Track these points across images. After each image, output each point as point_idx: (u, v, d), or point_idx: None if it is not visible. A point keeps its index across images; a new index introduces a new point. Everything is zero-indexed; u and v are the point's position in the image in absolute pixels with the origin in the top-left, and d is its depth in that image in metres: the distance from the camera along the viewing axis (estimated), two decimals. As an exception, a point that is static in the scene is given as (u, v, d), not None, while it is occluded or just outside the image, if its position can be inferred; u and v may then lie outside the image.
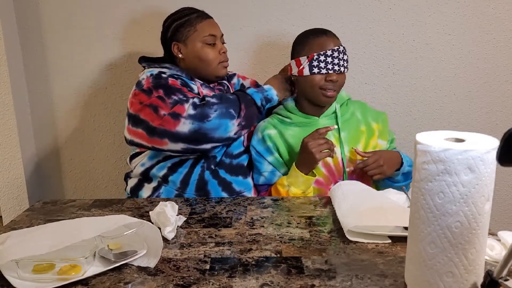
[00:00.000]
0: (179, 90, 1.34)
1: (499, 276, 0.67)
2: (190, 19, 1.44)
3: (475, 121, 1.84)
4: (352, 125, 1.45)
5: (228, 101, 1.34)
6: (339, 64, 1.37)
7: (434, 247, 0.72)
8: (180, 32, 1.43)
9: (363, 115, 1.48)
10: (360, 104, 1.52)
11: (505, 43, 1.76)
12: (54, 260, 0.89)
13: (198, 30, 1.43)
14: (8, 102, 1.71)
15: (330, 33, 1.41)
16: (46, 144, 1.87)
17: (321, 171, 1.42)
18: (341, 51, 1.37)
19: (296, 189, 1.35)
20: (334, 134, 1.43)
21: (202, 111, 1.29)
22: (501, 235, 0.93)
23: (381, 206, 1.11)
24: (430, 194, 0.70)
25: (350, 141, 1.43)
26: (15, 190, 1.79)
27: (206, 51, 1.43)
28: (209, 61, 1.44)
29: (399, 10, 1.73)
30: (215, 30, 1.46)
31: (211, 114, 1.29)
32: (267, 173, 1.46)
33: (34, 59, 1.78)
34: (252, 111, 1.38)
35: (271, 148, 1.44)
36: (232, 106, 1.34)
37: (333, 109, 1.45)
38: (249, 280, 0.85)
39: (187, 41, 1.43)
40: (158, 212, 1.09)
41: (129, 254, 0.92)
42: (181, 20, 1.44)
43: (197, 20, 1.44)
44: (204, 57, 1.43)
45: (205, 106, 1.30)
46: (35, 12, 1.74)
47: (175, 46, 1.45)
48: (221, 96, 1.36)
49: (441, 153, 0.68)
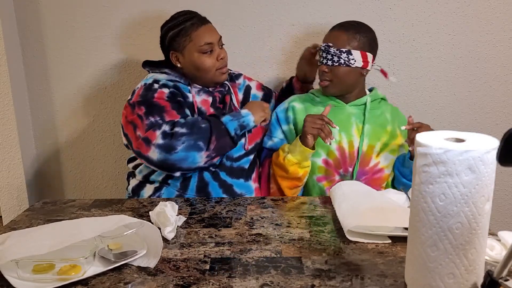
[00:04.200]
0: (159, 110, 1.33)
1: (499, 276, 0.67)
2: (185, 28, 1.39)
3: (475, 121, 1.84)
4: (378, 122, 1.49)
5: (198, 132, 1.29)
6: (327, 58, 1.41)
7: (435, 249, 0.71)
8: (176, 42, 1.41)
9: (392, 118, 1.52)
10: (393, 108, 1.56)
11: (505, 43, 1.76)
12: (54, 260, 0.89)
13: (194, 40, 1.39)
14: (8, 102, 1.71)
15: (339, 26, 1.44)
16: (46, 144, 1.87)
17: (334, 153, 1.45)
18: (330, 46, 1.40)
19: (292, 157, 1.39)
20: (357, 125, 1.47)
21: (170, 142, 1.27)
22: (501, 235, 0.93)
23: (381, 206, 1.11)
24: (431, 196, 0.70)
25: (371, 135, 1.47)
26: (15, 190, 1.79)
27: (202, 60, 1.40)
28: (206, 70, 1.41)
29: (399, 10, 1.73)
30: (211, 37, 1.41)
31: (177, 146, 1.27)
32: (277, 139, 1.53)
33: (34, 59, 1.78)
34: (224, 141, 1.33)
35: (290, 119, 1.52)
36: (202, 138, 1.29)
37: (364, 101, 1.48)
38: (249, 280, 0.85)
39: (184, 51, 1.41)
40: (158, 212, 1.09)
41: (129, 254, 0.92)
42: (176, 29, 1.40)
43: (192, 28, 1.39)
44: (201, 66, 1.41)
45: (173, 137, 1.27)
46: (35, 12, 1.74)
47: (173, 55, 1.44)
48: (193, 124, 1.31)
49: (443, 155, 0.68)
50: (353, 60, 1.40)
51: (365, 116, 1.47)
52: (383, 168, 1.47)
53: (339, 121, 1.45)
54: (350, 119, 1.47)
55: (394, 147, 1.48)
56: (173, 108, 1.35)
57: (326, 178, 1.46)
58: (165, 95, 1.37)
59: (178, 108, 1.37)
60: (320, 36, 1.74)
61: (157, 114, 1.32)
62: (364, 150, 1.45)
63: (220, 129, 1.32)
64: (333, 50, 1.39)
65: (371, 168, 1.45)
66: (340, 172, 1.46)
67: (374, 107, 1.50)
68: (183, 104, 1.40)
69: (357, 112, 1.48)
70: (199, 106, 1.43)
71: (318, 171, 1.45)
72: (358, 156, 1.44)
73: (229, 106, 1.50)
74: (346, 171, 1.45)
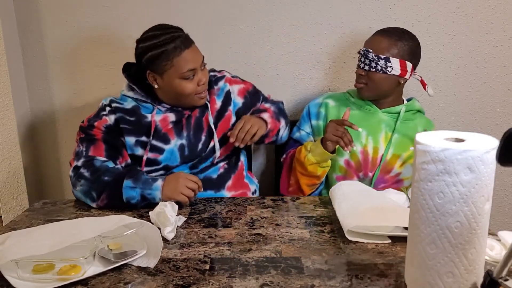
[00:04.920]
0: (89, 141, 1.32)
1: (499, 276, 0.67)
2: (167, 52, 1.27)
3: (475, 121, 1.84)
4: (408, 133, 1.47)
5: (96, 182, 1.23)
6: (364, 62, 1.41)
7: (434, 247, 0.72)
8: (156, 64, 1.29)
9: (423, 130, 1.50)
10: (427, 121, 1.55)
11: (505, 43, 1.76)
12: (54, 260, 0.89)
13: (176, 66, 1.28)
14: (8, 102, 1.71)
15: (382, 32, 1.43)
16: (46, 144, 1.86)
17: (357, 156, 1.46)
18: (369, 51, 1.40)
19: (312, 157, 1.40)
20: (386, 132, 1.47)
21: (74, 179, 1.28)
22: (501, 235, 0.93)
23: (381, 206, 1.12)
24: (429, 194, 0.70)
25: (398, 145, 1.46)
26: (15, 190, 1.79)
27: (183, 86, 1.31)
28: (185, 95, 1.33)
29: (399, 10, 1.73)
30: (194, 62, 1.30)
31: (77, 186, 1.26)
32: (304, 132, 1.55)
33: (34, 59, 1.78)
34: (115, 202, 1.22)
35: (321, 115, 1.53)
36: (96, 190, 1.22)
37: (398, 109, 1.48)
38: (249, 280, 0.85)
39: (164, 74, 1.30)
40: (158, 212, 1.09)
41: (129, 254, 0.92)
42: (156, 50, 1.27)
43: (174, 53, 1.27)
44: (180, 92, 1.32)
45: (77, 176, 1.27)
46: (35, 12, 1.74)
47: (150, 75, 1.33)
48: (95, 171, 1.25)
49: (441, 153, 0.68)
50: (391, 67, 1.39)
51: (396, 125, 1.46)
52: (403, 180, 1.47)
53: (369, 126, 1.46)
54: (380, 125, 1.47)
55: None
56: (103, 142, 1.32)
57: (344, 178, 1.46)
58: (105, 124, 1.33)
59: (108, 144, 1.32)
60: (320, 36, 1.75)
61: (85, 145, 1.32)
62: (388, 158, 1.45)
63: (115, 191, 1.21)
64: (372, 55, 1.39)
65: (392, 177, 1.46)
66: (360, 175, 1.47)
67: (408, 118, 1.49)
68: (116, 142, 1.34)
69: (389, 119, 1.48)
70: (157, 125, 1.35)
71: (339, 170, 1.47)
72: (381, 163, 1.45)
73: (197, 121, 1.40)
74: (366, 175, 1.46)
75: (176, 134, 1.37)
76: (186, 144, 1.37)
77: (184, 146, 1.37)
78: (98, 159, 1.30)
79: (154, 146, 1.35)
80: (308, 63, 1.78)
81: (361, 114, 1.49)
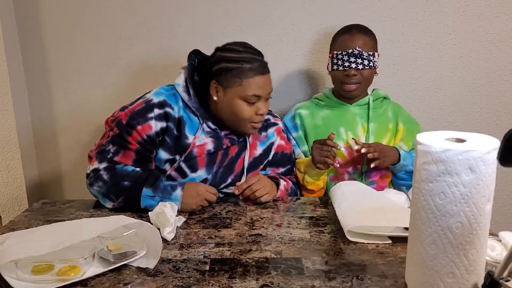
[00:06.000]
0: (120, 146, 1.27)
1: (500, 276, 0.67)
2: (242, 69, 1.25)
3: (475, 121, 1.84)
4: (381, 120, 1.53)
5: (115, 185, 1.22)
6: (356, 62, 1.43)
7: (435, 248, 0.71)
8: (225, 76, 1.26)
9: (394, 115, 1.55)
10: (395, 105, 1.59)
11: (506, 42, 1.75)
12: (53, 261, 0.89)
13: (244, 86, 1.25)
14: (8, 102, 1.71)
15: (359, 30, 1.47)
16: (45, 144, 1.86)
17: (343, 153, 1.48)
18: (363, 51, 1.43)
19: (310, 178, 1.43)
20: (362, 124, 1.51)
21: (92, 179, 1.25)
22: (502, 236, 0.92)
23: (381, 206, 1.11)
24: (430, 194, 0.70)
25: (377, 134, 1.50)
26: (15, 190, 1.78)
27: (242, 109, 1.27)
28: (241, 119, 1.28)
29: (399, 10, 1.73)
30: (263, 90, 1.27)
31: (94, 186, 1.25)
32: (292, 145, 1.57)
33: (34, 59, 1.78)
34: (131, 207, 1.22)
35: (298, 126, 1.55)
36: (114, 193, 1.22)
37: (366, 100, 1.52)
38: (249, 281, 0.85)
39: (228, 89, 1.26)
40: (157, 212, 1.09)
41: (129, 255, 0.92)
42: (232, 64, 1.25)
43: (248, 74, 1.25)
44: (237, 113, 1.27)
45: (96, 177, 1.25)
46: (35, 12, 1.74)
47: (214, 85, 1.28)
48: (115, 175, 1.23)
49: (442, 154, 0.68)
50: (375, 61, 1.46)
51: (369, 115, 1.51)
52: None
53: (345, 121, 1.51)
54: (355, 118, 1.51)
55: (396, 144, 1.51)
56: (135, 153, 1.27)
57: (337, 177, 1.50)
58: (149, 133, 1.26)
59: (140, 155, 1.28)
60: (320, 36, 1.75)
61: (115, 149, 1.27)
62: None
63: (133, 196, 1.21)
64: (366, 54, 1.43)
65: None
66: (349, 171, 1.49)
67: (377, 106, 1.54)
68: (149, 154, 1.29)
69: (361, 112, 1.52)
70: (195, 148, 1.31)
71: (330, 171, 1.49)
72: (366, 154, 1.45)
73: (231, 160, 1.35)
74: (356, 169, 1.49)
75: (206, 167, 1.32)
76: (209, 180, 1.33)
77: (207, 181, 1.33)
78: (121, 164, 1.27)
79: (181, 168, 1.31)
80: (308, 63, 1.78)
81: (334, 113, 1.53)
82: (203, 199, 1.23)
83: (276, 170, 1.47)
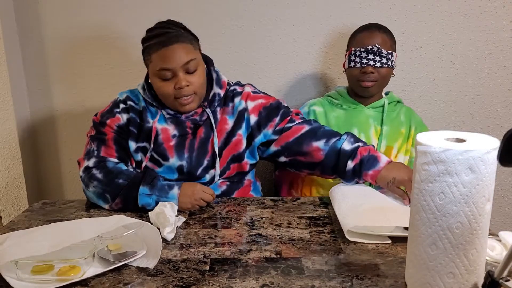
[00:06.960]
0: (100, 141, 1.30)
1: (499, 276, 0.67)
2: (150, 46, 1.24)
3: (475, 121, 1.84)
4: (394, 124, 1.51)
5: (110, 185, 1.21)
6: (374, 59, 1.42)
7: (435, 248, 0.71)
8: (144, 57, 1.29)
9: (406, 119, 1.54)
10: (407, 109, 1.58)
11: (506, 42, 1.75)
12: (53, 261, 0.89)
13: (153, 62, 1.24)
14: (8, 102, 1.71)
15: (378, 28, 1.47)
16: (46, 144, 1.86)
17: None
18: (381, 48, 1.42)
19: None
20: (376, 127, 1.50)
21: (86, 180, 1.25)
22: (501, 236, 0.92)
23: (381, 206, 1.11)
24: (430, 195, 0.70)
25: (389, 137, 1.49)
26: (15, 190, 1.79)
27: (159, 85, 1.26)
28: (163, 96, 1.27)
29: (399, 10, 1.73)
30: (171, 62, 1.21)
31: (89, 187, 1.24)
32: None
33: (34, 59, 1.78)
34: (128, 206, 1.21)
35: None
36: (110, 192, 1.21)
37: (382, 103, 1.51)
38: (249, 281, 0.85)
39: (148, 69, 1.29)
40: (157, 212, 1.09)
41: (129, 255, 0.92)
42: (145, 44, 1.26)
43: (153, 48, 1.23)
44: (157, 90, 1.28)
45: (89, 177, 1.25)
46: (35, 12, 1.74)
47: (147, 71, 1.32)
48: (108, 173, 1.23)
49: (442, 154, 0.68)
50: (393, 61, 1.46)
51: (383, 118, 1.50)
52: None
53: (358, 123, 1.49)
54: (368, 120, 1.50)
55: (407, 148, 1.51)
56: (114, 143, 1.31)
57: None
58: (118, 123, 1.31)
59: (119, 145, 1.31)
60: (320, 36, 1.75)
61: (96, 144, 1.31)
62: (382, 151, 1.47)
63: (130, 196, 1.20)
64: (385, 52, 1.42)
65: None
66: None
67: (391, 110, 1.53)
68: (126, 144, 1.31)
69: (375, 114, 1.51)
70: (158, 135, 1.31)
71: None
72: None
73: (201, 142, 1.32)
74: None
75: (177, 153, 1.31)
76: (185, 166, 1.32)
77: (183, 167, 1.32)
78: (110, 160, 1.29)
79: (153, 157, 1.32)
80: (308, 63, 1.78)
81: (348, 113, 1.52)
82: (199, 199, 1.22)
83: (272, 124, 1.34)
